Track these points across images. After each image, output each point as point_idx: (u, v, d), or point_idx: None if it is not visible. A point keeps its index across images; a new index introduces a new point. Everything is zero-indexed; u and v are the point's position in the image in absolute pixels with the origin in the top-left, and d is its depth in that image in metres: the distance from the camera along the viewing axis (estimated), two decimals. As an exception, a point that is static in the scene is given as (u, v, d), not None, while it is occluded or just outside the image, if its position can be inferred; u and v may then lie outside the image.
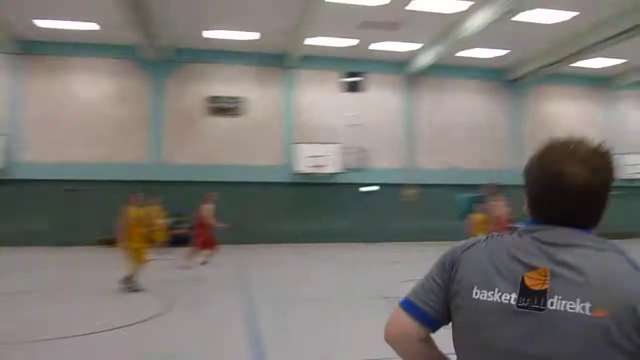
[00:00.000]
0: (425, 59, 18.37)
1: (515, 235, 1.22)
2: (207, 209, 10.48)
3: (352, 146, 19.40)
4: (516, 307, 1.11)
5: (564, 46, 17.45)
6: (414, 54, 18.96)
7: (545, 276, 1.10)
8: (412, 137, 20.37)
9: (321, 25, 15.78)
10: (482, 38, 16.63)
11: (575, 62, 18.80)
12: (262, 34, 17.03)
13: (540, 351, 1.07)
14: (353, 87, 20.05)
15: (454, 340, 1.26)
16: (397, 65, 20.13)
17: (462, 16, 15.10)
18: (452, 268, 1.26)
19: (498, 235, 1.26)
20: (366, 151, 19.55)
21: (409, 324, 1.29)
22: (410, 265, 12.86)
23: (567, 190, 1.15)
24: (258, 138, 19.03)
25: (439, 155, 20.53)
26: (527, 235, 1.19)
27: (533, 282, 1.11)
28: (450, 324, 1.27)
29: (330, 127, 19.47)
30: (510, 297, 1.12)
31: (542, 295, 1.09)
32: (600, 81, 22.38)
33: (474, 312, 1.18)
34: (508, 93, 21.48)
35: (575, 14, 14.99)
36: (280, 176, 18.97)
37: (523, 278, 1.12)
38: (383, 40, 17.57)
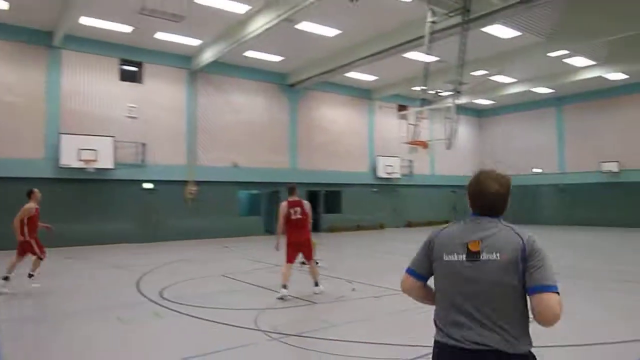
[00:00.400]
0: (210, 56, 18.29)
1: (464, 221, 2.28)
2: (23, 210, 8.64)
3: (130, 140, 18.19)
4: (465, 261, 2.16)
5: (332, 59, 19.53)
6: (199, 49, 18.72)
7: (479, 243, 2.15)
8: (195, 133, 20.10)
9: (95, 5, 14.37)
10: (263, 42, 17.41)
11: (342, 74, 21.21)
12: (13, 5, 14.54)
13: (478, 282, 2.10)
14: (132, 77, 18.77)
15: (435, 284, 2.29)
16: (181, 58, 19.59)
17: (245, 17, 15.53)
18: (431, 246, 2.31)
19: (455, 223, 2.32)
20: (145, 146, 18.54)
21: (412, 281, 2.38)
22: (189, 264, 12.70)
23: (487, 195, 2.23)
24: (13, 125, 16.20)
25: (222, 153, 20.74)
26: (470, 222, 2.26)
27: (473, 247, 2.16)
28: (434, 276, 2.31)
29: (105, 117, 17.86)
30: (463, 256, 2.17)
31: (477, 253, 2.14)
32: (362, 92, 25.71)
33: (444, 267, 2.22)
34: (288, 97, 22.95)
35: (338, 32, 16.89)
36: (44, 171, 16.55)
37: (467, 245, 2.17)
38: (167, 31, 16.87)
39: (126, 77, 18.61)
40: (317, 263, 10.68)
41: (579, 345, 5.33)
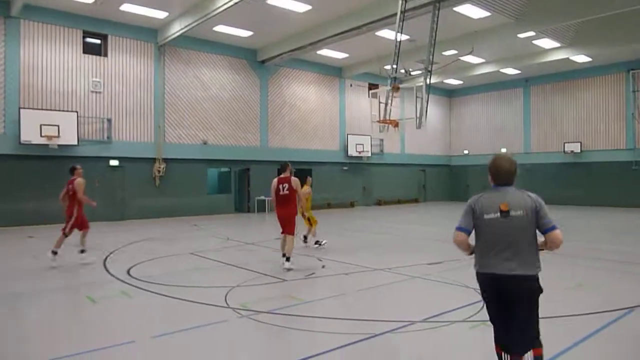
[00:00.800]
0: (179, 29, 17.73)
1: (491, 191, 3.35)
2: (79, 184, 9.18)
3: (95, 115, 17.64)
4: (500, 217, 3.24)
5: (303, 35, 19.28)
6: (166, 22, 18.16)
7: (507, 204, 3.25)
8: (163, 109, 19.62)
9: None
10: (233, 16, 17.02)
11: (313, 51, 20.97)
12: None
13: (509, 230, 3.23)
14: (96, 50, 18.10)
15: (478, 235, 3.37)
16: (149, 32, 18.98)
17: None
18: (474, 208, 3.35)
19: (485, 193, 3.36)
20: (111, 122, 18.03)
21: (463, 234, 3.37)
22: (157, 243, 12.52)
23: (503, 171, 3.35)
24: (-31, 99, 15.51)
25: (191, 130, 20.37)
26: (495, 191, 3.36)
27: (504, 207, 3.25)
28: (476, 230, 3.39)
29: (68, 92, 17.24)
30: (497, 214, 3.25)
31: (507, 212, 3.24)
32: (333, 70, 25.54)
33: (486, 223, 3.30)
34: (258, 73, 22.59)
35: (308, 7, 16.59)
36: (3, 147, 15.89)
37: (499, 206, 3.25)
38: (133, 3, 16.27)
39: (90, 50, 17.93)
40: (319, 244, 11.04)
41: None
